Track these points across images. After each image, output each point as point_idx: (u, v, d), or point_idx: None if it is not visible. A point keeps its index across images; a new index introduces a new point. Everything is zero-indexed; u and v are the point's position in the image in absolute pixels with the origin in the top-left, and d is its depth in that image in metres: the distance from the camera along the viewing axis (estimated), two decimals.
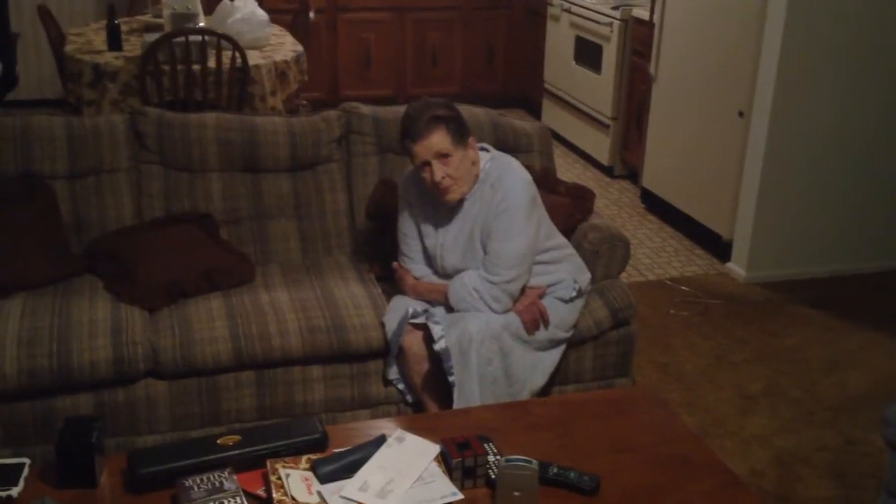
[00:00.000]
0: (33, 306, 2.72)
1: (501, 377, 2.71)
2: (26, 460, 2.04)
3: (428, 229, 2.84)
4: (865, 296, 4.27)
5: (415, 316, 2.74)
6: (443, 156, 2.63)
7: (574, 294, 2.88)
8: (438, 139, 2.62)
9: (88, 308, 2.73)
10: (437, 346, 2.66)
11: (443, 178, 2.64)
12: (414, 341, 2.75)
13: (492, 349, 2.67)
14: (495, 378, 2.70)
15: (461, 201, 2.76)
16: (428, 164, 2.65)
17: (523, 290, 2.80)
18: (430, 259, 2.88)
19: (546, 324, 2.79)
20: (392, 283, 2.99)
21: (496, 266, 2.71)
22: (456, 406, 2.66)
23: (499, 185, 2.72)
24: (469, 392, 2.66)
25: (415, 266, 2.89)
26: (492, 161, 2.79)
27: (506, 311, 2.74)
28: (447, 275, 2.83)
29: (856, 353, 3.75)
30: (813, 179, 4.27)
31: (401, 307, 2.80)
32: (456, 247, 2.79)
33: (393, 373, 2.85)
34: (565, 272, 2.90)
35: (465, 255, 2.78)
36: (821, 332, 3.92)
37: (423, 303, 2.82)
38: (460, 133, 2.66)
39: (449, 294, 2.76)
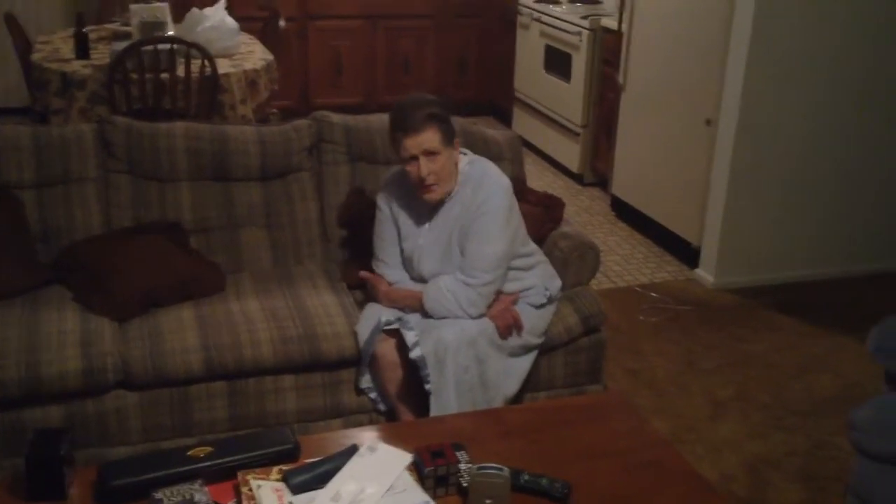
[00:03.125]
0: (0, 317, 2.69)
1: (477, 384, 2.72)
2: None
3: (407, 232, 2.85)
4: (832, 301, 4.32)
5: (388, 324, 2.74)
6: (431, 153, 2.67)
7: (544, 301, 2.90)
8: (430, 136, 2.65)
9: (57, 319, 2.71)
10: (413, 355, 2.66)
11: (428, 174, 2.67)
12: (387, 349, 2.75)
13: (468, 356, 2.68)
14: (472, 385, 2.70)
15: (441, 203, 2.78)
16: (415, 158, 2.67)
17: (496, 296, 2.81)
18: (405, 264, 2.88)
19: (520, 329, 2.80)
20: (365, 291, 2.99)
21: (473, 269, 2.73)
22: (433, 415, 2.66)
23: (479, 188, 2.75)
24: (446, 400, 2.66)
25: (389, 271, 2.89)
26: (470, 165, 2.82)
27: (479, 317, 2.75)
28: (423, 280, 2.83)
29: (823, 358, 3.79)
30: (780, 186, 4.32)
31: (373, 315, 2.80)
32: (434, 250, 2.80)
33: (365, 381, 2.85)
34: (536, 278, 2.92)
35: (443, 259, 2.79)
36: (789, 337, 3.97)
37: (395, 310, 2.82)
38: (450, 134, 2.71)
39: (424, 298, 2.76)
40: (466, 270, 2.74)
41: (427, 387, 2.66)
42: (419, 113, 2.65)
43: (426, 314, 2.77)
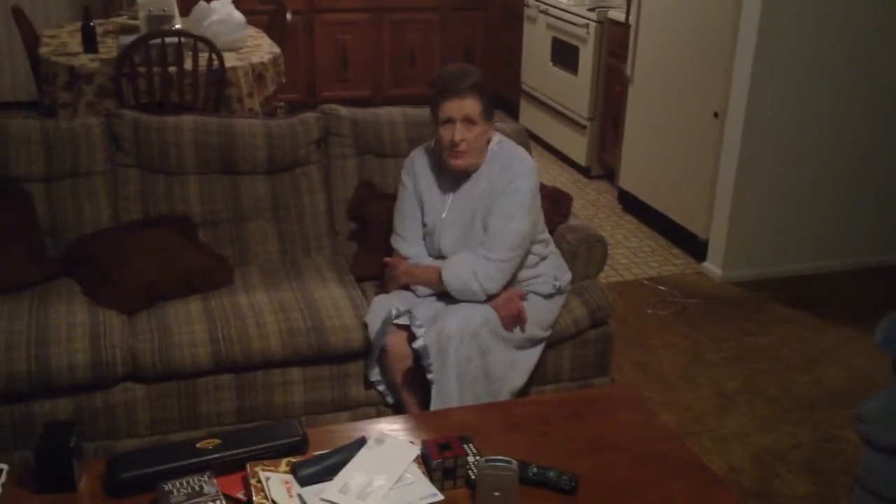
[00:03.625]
0: (10, 310, 2.71)
1: (481, 376, 2.73)
2: (5, 466, 2.03)
3: (432, 205, 2.87)
4: (841, 294, 4.32)
5: (398, 316, 2.75)
6: (469, 121, 2.72)
7: (552, 290, 2.91)
8: (472, 104, 2.72)
9: (66, 312, 2.72)
10: (416, 344, 2.67)
11: (461, 140, 2.72)
12: (398, 342, 2.75)
13: (471, 347, 2.69)
14: (475, 377, 2.71)
15: (466, 178, 2.81)
16: (452, 122, 2.72)
17: (503, 288, 2.82)
18: (425, 238, 2.90)
19: (523, 323, 2.80)
20: (377, 283, 2.99)
21: (496, 244, 2.75)
22: (434, 404, 2.67)
23: (508, 167, 2.81)
24: (447, 390, 2.67)
25: (406, 246, 2.91)
26: (499, 144, 2.87)
27: (490, 298, 2.76)
28: (441, 256, 2.85)
29: (831, 351, 3.79)
30: (788, 179, 4.31)
31: (383, 307, 2.81)
32: (456, 224, 2.82)
33: (375, 374, 2.85)
34: (547, 268, 2.93)
35: (464, 234, 2.82)
36: (796, 329, 3.96)
37: (405, 302, 2.82)
38: (489, 109, 2.78)
39: (443, 270, 2.78)
40: (488, 246, 2.76)
41: (429, 376, 2.67)
42: (466, 80, 2.72)
43: (442, 292, 2.78)
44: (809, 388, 3.52)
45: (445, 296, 2.81)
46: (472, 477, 2.01)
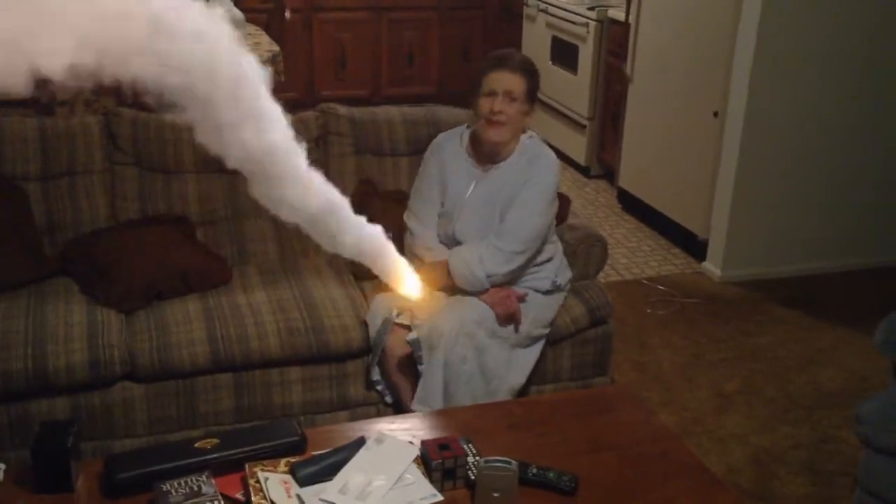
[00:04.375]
0: (7, 309, 2.70)
1: (477, 374, 2.72)
2: (1, 465, 2.02)
3: (455, 188, 2.88)
4: (839, 294, 4.31)
5: (399, 314, 2.74)
6: (511, 97, 2.78)
7: (550, 287, 2.90)
8: (516, 80, 2.80)
9: (64, 311, 2.71)
10: (409, 337, 2.68)
11: (500, 111, 2.77)
12: (398, 341, 2.74)
13: (467, 346, 2.68)
14: (471, 376, 2.70)
15: (495, 165, 2.84)
16: (494, 94, 2.78)
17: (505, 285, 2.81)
18: (442, 219, 2.90)
19: (518, 323, 2.79)
20: (375, 283, 2.98)
21: (508, 233, 2.77)
22: (418, 397, 2.66)
23: (535, 161, 2.85)
24: (431, 386, 2.67)
25: (418, 226, 2.91)
26: (531, 139, 2.92)
27: (497, 285, 2.77)
28: (454, 241, 2.86)
29: (830, 352, 3.78)
30: (787, 179, 4.30)
31: (385, 306, 2.80)
32: (477, 208, 2.84)
33: (377, 373, 2.84)
34: (550, 265, 2.93)
35: (483, 220, 2.83)
36: (795, 330, 3.95)
37: (406, 300, 2.80)
38: (532, 95, 2.87)
39: (449, 257, 2.79)
40: (501, 235, 2.78)
41: (420, 368, 2.67)
42: (518, 58, 2.85)
43: (451, 285, 2.79)
44: (807, 388, 3.52)
45: (449, 293, 2.80)
46: (472, 477, 2.00)
